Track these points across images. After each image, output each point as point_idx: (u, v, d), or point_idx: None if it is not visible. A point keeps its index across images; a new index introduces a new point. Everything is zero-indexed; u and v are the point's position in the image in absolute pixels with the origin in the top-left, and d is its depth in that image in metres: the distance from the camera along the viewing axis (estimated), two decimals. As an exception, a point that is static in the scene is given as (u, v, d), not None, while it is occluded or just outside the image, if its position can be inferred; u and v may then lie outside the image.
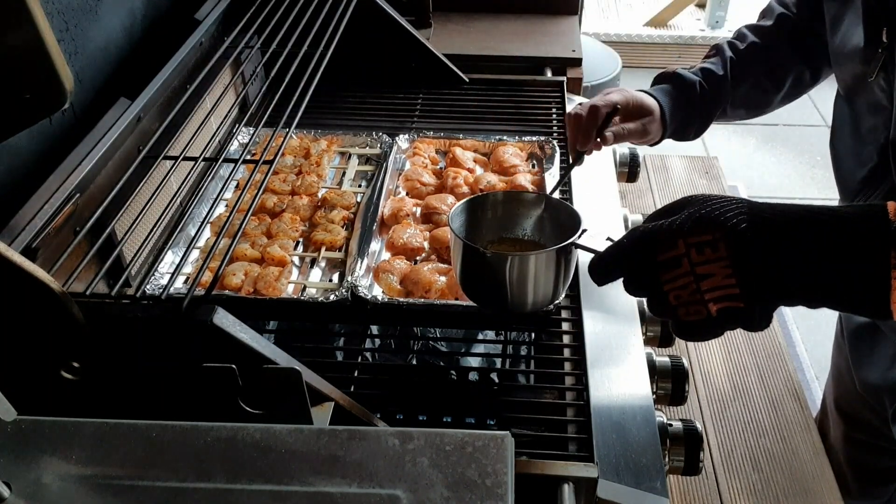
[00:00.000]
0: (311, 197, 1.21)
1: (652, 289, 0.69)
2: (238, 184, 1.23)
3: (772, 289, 0.65)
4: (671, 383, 0.97)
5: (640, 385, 0.92)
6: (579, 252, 0.81)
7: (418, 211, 1.18)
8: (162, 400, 0.68)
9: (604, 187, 1.26)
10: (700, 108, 1.17)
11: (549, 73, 1.59)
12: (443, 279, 1.03)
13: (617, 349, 0.95)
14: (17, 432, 0.58)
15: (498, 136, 1.33)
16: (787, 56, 1.17)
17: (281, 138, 0.98)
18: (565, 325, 1.01)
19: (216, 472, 0.55)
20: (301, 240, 1.15)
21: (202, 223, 0.95)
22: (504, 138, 1.32)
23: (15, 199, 0.80)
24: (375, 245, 1.11)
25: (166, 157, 0.94)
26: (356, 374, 0.96)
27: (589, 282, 1.03)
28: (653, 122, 1.13)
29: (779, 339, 1.78)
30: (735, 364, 1.71)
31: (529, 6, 1.80)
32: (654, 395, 0.95)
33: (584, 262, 0.74)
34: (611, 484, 0.79)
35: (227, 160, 0.98)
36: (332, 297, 0.99)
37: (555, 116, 1.41)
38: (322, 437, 0.57)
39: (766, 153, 3.58)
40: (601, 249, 0.73)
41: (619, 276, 0.71)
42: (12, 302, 0.63)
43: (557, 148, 1.28)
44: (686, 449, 0.90)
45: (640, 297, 0.72)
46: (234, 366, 0.62)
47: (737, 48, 1.18)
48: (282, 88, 1.02)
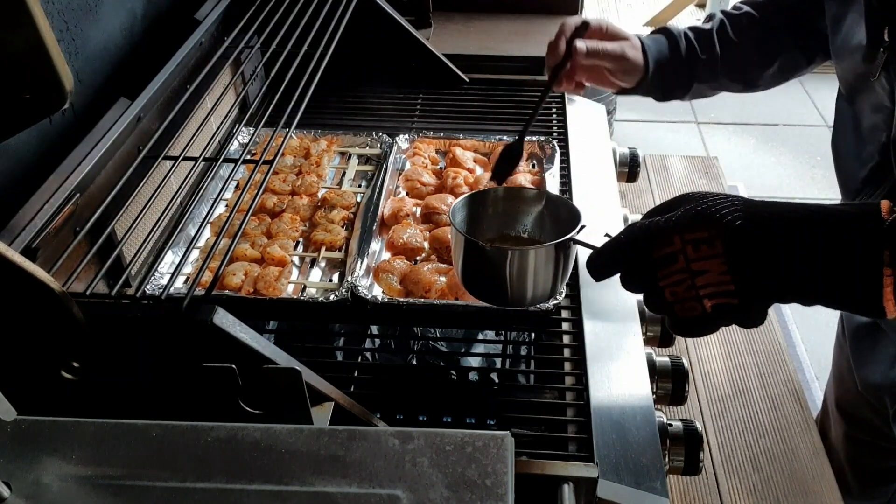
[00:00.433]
0: (311, 197, 1.21)
1: (648, 285, 0.69)
2: (238, 184, 1.23)
3: (766, 286, 0.65)
4: (671, 383, 0.97)
5: (640, 385, 0.92)
6: (579, 249, 0.81)
7: (418, 211, 1.18)
8: (162, 400, 0.68)
9: (604, 187, 1.26)
10: (686, 58, 1.12)
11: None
12: (443, 279, 1.03)
13: (617, 349, 0.95)
14: (17, 432, 0.58)
15: (498, 136, 1.33)
16: (781, 34, 1.14)
17: (281, 138, 0.98)
18: (565, 325, 1.01)
19: (216, 472, 0.55)
20: (301, 240, 1.15)
21: (202, 223, 0.95)
22: (504, 138, 1.32)
23: (15, 199, 0.80)
24: (375, 245, 1.11)
25: (166, 157, 0.94)
26: (356, 374, 0.96)
27: (589, 281, 1.04)
28: (632, 47, 1.08)
29: (779, 339, 1.78)
30: (735, 364, 1.71)
31: (529, 6, 1.80)
32: (654, 395, 0.95)
33: (583, 261, 0.74)
34: (611, 484, 0.79)
35: (227, 160, 0.98)
36: (332, 297, 0.99)
37: (555, 116, 1.41)
38: (322, 437, 0.57)
39: (765, 153, 3.58)
40: (599, 245, 0.73)
41: (617, 272, 0.72)
42: (12, 302, 0.63)
43: (557, 148, 1.28)
44: (686, 449, 0.90)
45: (637, 293, 0.72)
46: (234, 366, 0.62)
47: (730, 13, 1.16)
48: (282, 88, 1.02)
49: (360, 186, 1.26)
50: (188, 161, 0.94)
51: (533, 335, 1.08)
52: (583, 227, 0.81)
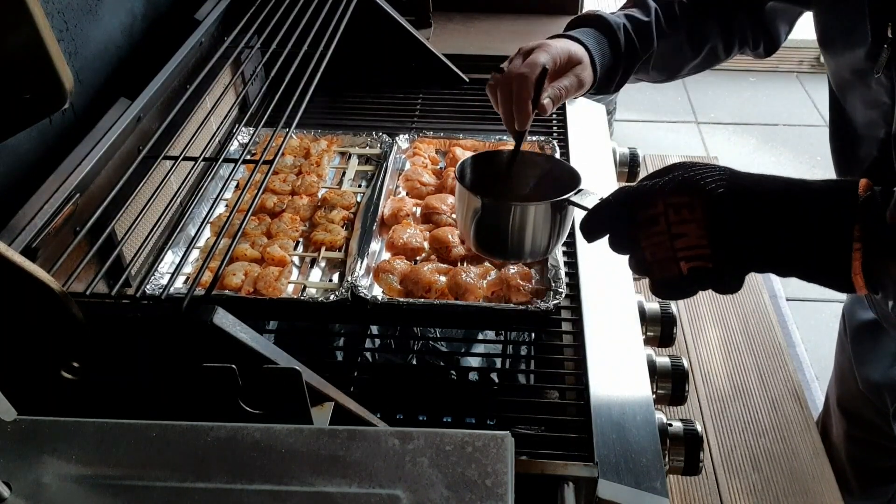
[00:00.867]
0: (311, 197, 1.21)
1: (631, 245, 0.72)
2: (238, 184, 1.23)
3: (741, 253, 0.68)
4: (671, 383, 0.97)
5: (640, 385, 0.92)
6: (576, 215, 0.85)
7: (418, 211, 1.18)
8: (162, 400, 0.68)
9: (604, 187, 1.26)
10: (625, 55, 1.08)
11: (549, 73, 1.59)
12: (443, 279, 1.03)
13: (617, 349, 0.95)
14: (17, 432, 0.58)
15: (498, 136, 1.33)
16: (709, 24, 1.12)
17: (281, 138, 0.98)
18: (565, 325, 1.01)
19: (216, 472, 0.55)
20: (301, 240, 1.15)
21: (202, 223, 0.95)
22: (504, 138, 1.32)
23: (15, 199, 0.80)
24: (375, 245, 1.11)
25: (166, 157, 0.94)
26: (356, 374, 0.96)
27: (589, 281, 1.04)
28: (584, 69, 1.03)
29: (779, 339, 1.78)
30: (735, 364, 1.71)
31: (530, 6, 1.80)
32: (654, 395, 0.95)
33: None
34: (611, 484, 0.79)
35: (227, 160, 0.98)
36: (332, 297, 0.99)
37: (554, 117, 1.41)
38: (322, 437, 0.57)
39: (766, 153, 3.58)
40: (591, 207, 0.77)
41: (606, 233, 0.75)
42: (12, 302, 0.63)
43: (557, 148, 1.28)
44: (686, 449, 0.90)
45: (623, 253, 0.74)
46: (234, 366, 0.62)
47: (662, 1, 1.11)
48: (282, 88, 1.02)
49: (360, 186, 1.26)
50: (188, 161, 0.94)
51: (533, 335, 1.08)
52: (580, 190, 0.84)
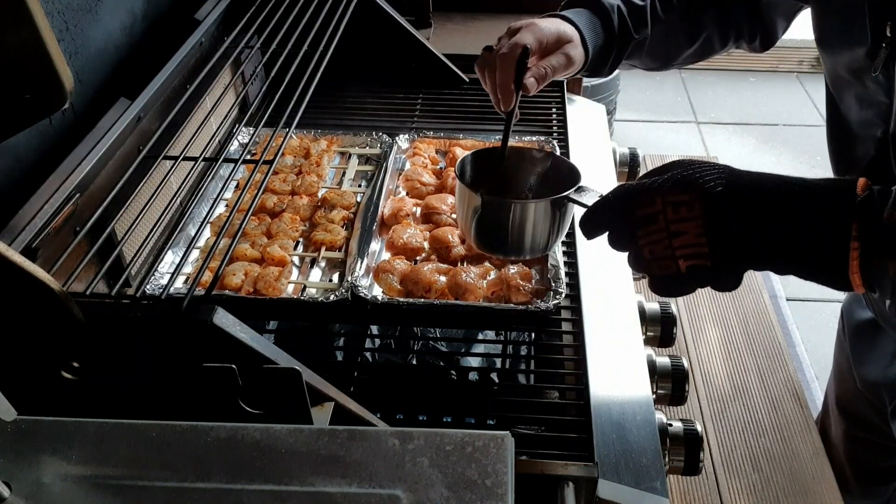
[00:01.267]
0: (311, 197, 1.21)
1: (630, 243, 0.72)
2: (238, 184, 1.23)
3: (740, 251, 0.68)
4: (671, 383, 0.97)
5: (640, 385, 0.92)
6: (576, 212, 0.85)
7: (418, 211, 1.18)
8: (162, 400, 0.68)
9: (604, 187, 1.25)
10: (619, 36, 1.06)
11: (549, 73, 1.59)
12: (443, 279, 1.03)
13: (617, 349, 0.95)
14: (17, 432, 0.58)
15: (498, 137, 1.32)
16: (704, 13, 1.11)
17: (281, 138, 0.98)
18: (565, 325, 1.01)
19: (216, 472, 0.55)
20: (301, 240, 1.15)
21: (202, 223, 0.95)
22: (504, 138, 1.32)
23: (15, 199, 0.80)
24: (375, 245, 1.11)
25: (166, 157, 0.94)
26: (356, 374, 0.96)
27: (589, 281, 1.04)
28: (574, 47, 1.01)
29: (779, 339, 1.78)
30: (735, 364, 1.71)
31: (529, 6, 1.80)
32: (654, 395, 0.95)
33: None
34: (611, 484, 0.79)
35: (227, 160, 0.98)
36: (332, 297, 0.99)
37: (554, 116, 1.41)
38: (322, 437, 0.57)
39: (766, 153, 3.58)
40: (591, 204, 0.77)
41: (605, 231, 0.75)
42: (12, 302, 0.63)
43: (557, 148, 1.28)
44: (686, 449, 0.90)
45: (622, 251, 0.74)
46: (234, 366, 0.62)
47: None
48: (282, 88, 1.02)
49: (360, 186, 1.26)
50: (188, 161, 0.94)
51: (533, 335, 1.08)
52: (580, 187, 0.84)
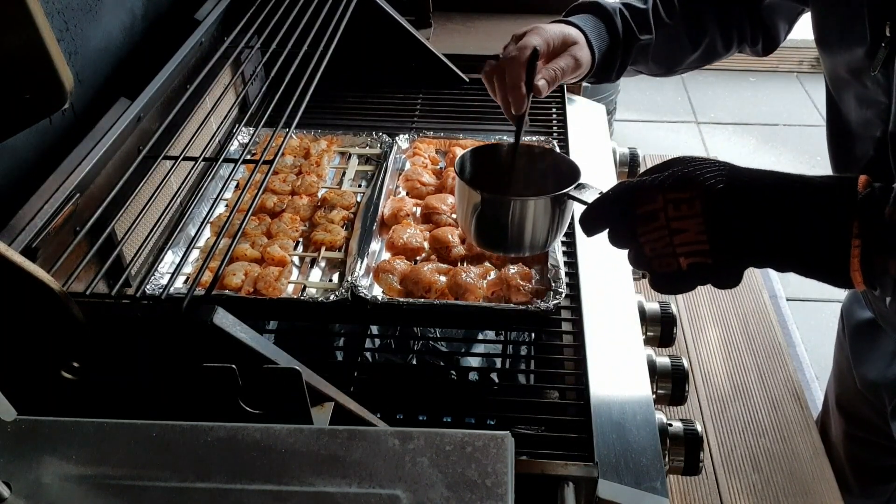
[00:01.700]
0: (311, 197, 1.21)
1: (631, 240, 0.72)
2: (238, 184, 1.23)
3: (740, 248, 0.68)
4: (671, 383, 0.97)
5: (640, 385, 0.92)
6: (576, 209, 0.84)
7: (418, 211, 1.18)
8: (162, 400, 0.68)
9: (604, 187, 1.25)
10: (623, 40, 1.06)
11: (549, 73, 1.59)
12: (443, 279, 1.03)
13: (617, 349, 0.95)
14: (17, 432, 0.58)
15: (498, 136, 1.33)
16: (707, 18, 1.11)
17: (281, 138, 0.98)
18: (565, 325, 1.01)
19: (216, 472, 0.55)
20: (301, 240, 1.15)
21: (202, 223, 0.95)
22: (504, 138, 1.32)
23: (15, 199, 0.80)
24: (375, 245, 1.11)
25: (166, 157, 0.94)
26: (356, 374, 0.96)
27: (589, 281, 1.04)
28: (580, 48, 1.01)
29: (779, 339, 1.78)
30: (735, 364, 1.71)
31: (529, 6, 1.80)
32: (654, 395, 0.95)
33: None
34: (611, 484, 0.79)
35: (227, 160, 0.98)
36: (332, 297, 0.99)
37: (554, 116, 1.41)
38: (322, 437, 0.57)
39: (766, 153, 3.58)
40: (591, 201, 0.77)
41: (605, 228, 0.75)
42: (12, 302, 0.63)
43: (557, 148, 1.28)
44: (686, 449, 0.90)
45: (622, 248, 0.74)
46: (234, 366, 0.62)
47: None
48: (282, 88, 1.02)
49: (360, 186, 1.26)
50: (188, 161, 0.94)
51: (533, 335, 1.08)
52: (580, 184, 0.83)
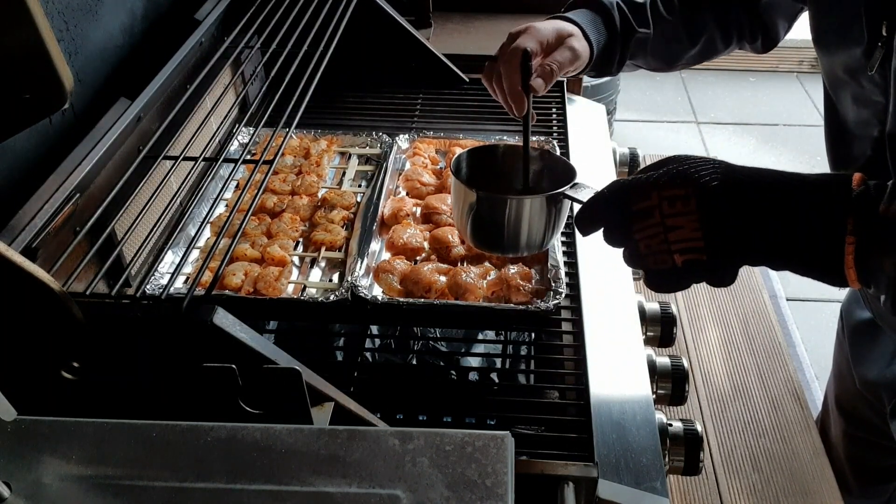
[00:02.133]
0: (311, 197, 1.21)
1: (626, 238, 0.72)
2: (238, 184, 1.23)
3: (735, 245, 0.68)
4: (671, 383, 0.97)
5: (640, 385, 0.92)
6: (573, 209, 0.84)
7: (418, 211, 1.18)
8: (162, 400, 0.68)
9: (601, 186, 1.25)
10: (622, 32, 1.07)
11: (548, 73, 1.59)
12: (443, 279, 1.03)
13: (617, 349, 0.95)
14: (17, 432, 0.58)
15: (498, 136, 1.33)
16: (706, 13, 1.11)
17: (281, 138, 0.98)
18: (565, 325, 1.01)
19: (216, 472, 0.55)
20: (301, 240, 1.15)
21: (202, 223, 0.95)
22: (504, 138, 1.32)
23: (15, 199, 0.80)
24: (375, 245, 1.11)
25: (166, 157, 0.94)
26: (356, 374, 0.96)
27: (589, 281, 1.04)
28: (577, 39, 1.01)
29: (779, 339, 1.78)
30: (735, 364, 1.71)
31: (529, 6, 1.80)
32: (654, 395, 0.95)
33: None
34: (611, 484, 0.79)
35: (227, 160, 0.98)
36: (332, 297, 0.99)
37: (554, 116, 1.41)
38: (322, 437, 0.57)
39: (766, 153, 3.58)
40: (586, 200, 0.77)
41: (601, 226, 0.75)
42: (12, 302, 0.63)
43: (557, 148, 1.28)
44: (686, 449, 0.90)
45: (617, 246, 0.74)
46: (234, 366, 0.62)
47: None
48: (282, 88, 1.02)
49: (360, 186, 1.26)
50: (188, 161, 0.94)
51: (533, 335, 1.08)
52: (576, 184, 0.84)
